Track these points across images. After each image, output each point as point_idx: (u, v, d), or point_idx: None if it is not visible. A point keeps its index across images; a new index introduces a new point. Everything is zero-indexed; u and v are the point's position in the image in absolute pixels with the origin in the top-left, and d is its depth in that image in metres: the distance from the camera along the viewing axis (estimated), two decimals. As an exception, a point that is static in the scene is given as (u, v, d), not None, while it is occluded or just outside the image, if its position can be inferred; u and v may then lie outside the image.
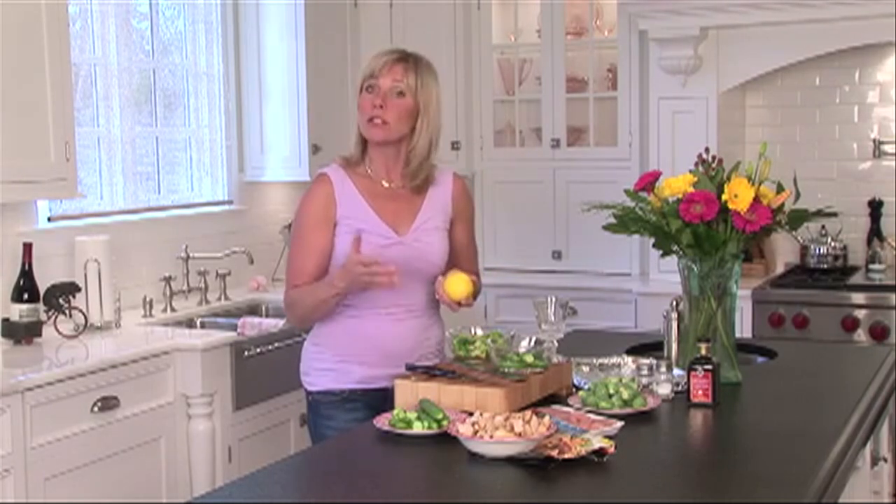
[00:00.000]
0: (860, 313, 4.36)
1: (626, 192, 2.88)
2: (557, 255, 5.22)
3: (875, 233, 4.81)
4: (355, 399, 2.82)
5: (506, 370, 2.49)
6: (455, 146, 5.27)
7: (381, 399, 2.74)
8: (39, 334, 3.63)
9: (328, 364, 2.87)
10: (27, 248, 3.68)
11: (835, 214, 2.96)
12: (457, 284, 2.73)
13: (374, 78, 2.79)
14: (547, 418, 2.23)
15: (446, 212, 2.93)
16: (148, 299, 4.15)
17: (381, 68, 2.79)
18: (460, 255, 2.97)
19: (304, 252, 2.83)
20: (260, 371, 3.88)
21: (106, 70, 4.31)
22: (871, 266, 4.69)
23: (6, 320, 3.61)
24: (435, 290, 2.79)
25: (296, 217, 2.90)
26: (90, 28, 4.25)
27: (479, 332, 2.66)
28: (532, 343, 2.63)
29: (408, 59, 2.83)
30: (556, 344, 2.68)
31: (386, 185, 2.87)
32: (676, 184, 2.73)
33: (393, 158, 2.86)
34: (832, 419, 2.44)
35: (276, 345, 3.96)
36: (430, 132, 2.84)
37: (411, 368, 2.60)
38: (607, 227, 2.87)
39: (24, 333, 3.60)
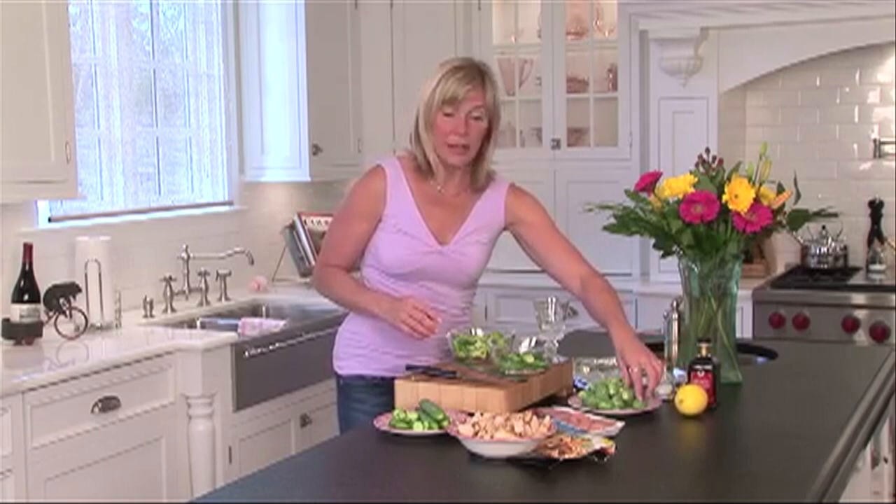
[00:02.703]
0: (860, 314, 4.36)
1: (627, 192, 2.88)
2: (558, 255, 5.21)
3: (875, 233, 4.81)
4: (384, 385, 2.80)
5: (506, 371, 2.50)
6: (455, 146, 5.27)
7: None
8: (40, 335, 3.63)
9: (362, 350, 2.91)
10: (27, 248, 3.68)
11: (835, 215, 2.95)
12: (697, 398, 2.49)
13: (455, 104, 2.76)
14: (547, 419, 2.24)
15: (493, 227, 2.92)
16: (148, 300, 4.15)
17: (464, 95, 2.76)
18: (555, 255, 2.91)
19: (344, 235, 2.90)
20: (260, 372, 3.88)
21: (106, 70, 4.31)
22: (872, 266, 4.70)
23: (6, 321, 3.61)
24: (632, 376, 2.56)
25: (346, 199, 2.95)
26: (90, 28, 4.25)
27: (480, 332, 2.67)
28: (532, 343, 2.63)
29: (484, 80, 2.80)
30: (557, 344, 2.68)
31: (439, 189, 2.87)
32: (677, 184, 2.73)
33: (456, 169, 2.87)
34: (832, 420, 2.44)
35: (277, 345, 3.96)
36: (495, 144, 2.87)
37: (411, 368, 2.61)
38: (607, 228, 2.87)
39: (25, 334, 3.60)
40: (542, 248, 2.94)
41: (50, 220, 4.00)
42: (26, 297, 3.62)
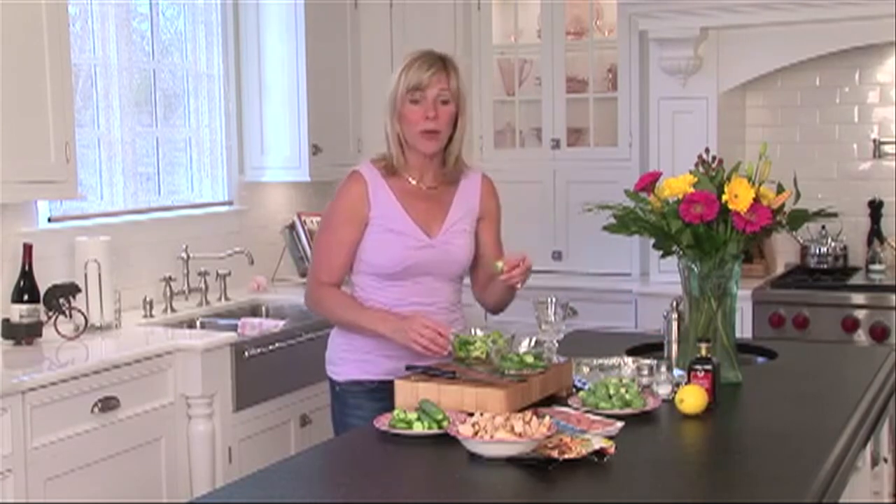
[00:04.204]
0: (860, 314, 4.36)
1: (626, 192, 2.88)
2: (557, 255, 5.22)
3: (875, 233, 4.81)
4: (382, 390, 2.78)
5: (506, 371, 2.50)
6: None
7: None
8: (40, 335, 3.63)
9: (357, 355, 2.89)
10: (27, 248, 3.68)
11: (835, 215, 2.95)
12: (697, 398, 2.49)
13: (421, 90, 2.79)
14: (547, 419, 2.24)
15: (473, 214, 2.96)
16: (148, 300, 4.15)
17: (428, 80, 2.79)
18: (487, 254, 2.98)
19: (333, 247, 2.87)
20: (260, 372, 3.88)
21: (106, 70, 4.31)
22: (872, 266, 4.69)
23: (6, 321, 3.61)
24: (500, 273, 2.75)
25: (327, 212, 2.93)
26: (90, 28, 4.25)
27: (479, 332, 2.66)
28: (532, 343, 2.63)
29: (446, 65, 2.83)
30: (557, 344, 2.68)
31: (416, 183, 2.89)
32: (676, 184, 2.73)
33: (429, 161, 2.90)
34: (832, 420, 2.44)
35: (277, 345, 3.96)
36: (464, 130, 2.91)
37: (411, 368, 2.61)
38: (607, 228, 2.87)
39: (25, 334, 3.60)
40: (482, 244, 2.98)
41: (50, 220, 4.00)
42: (26, 297, 3.62)
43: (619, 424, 2.33)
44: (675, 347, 2.92)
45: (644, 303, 4.68)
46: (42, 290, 3.69)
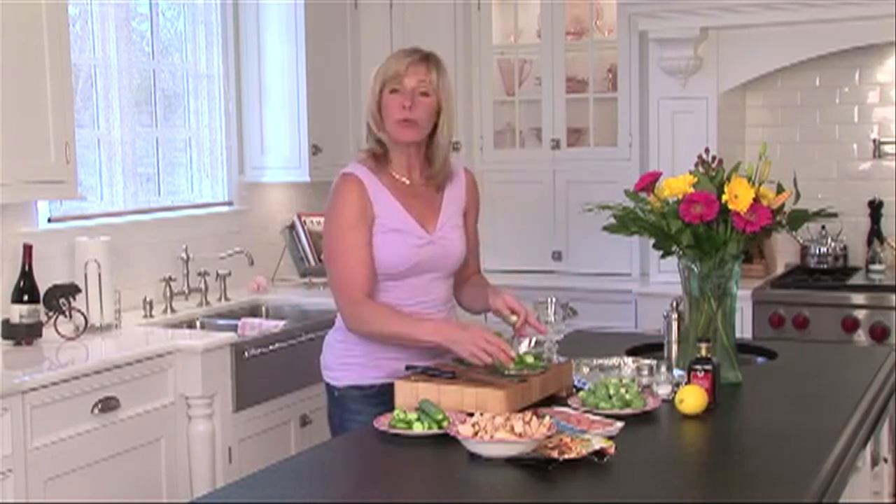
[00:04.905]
0: (860, 314, 4.36)
1: (627, 192, 2.88)
2: (557, 255, 5.22)
3: (875, 233, 4.81)
4: (382, 394, 2.74)
5: (506, 371, 2.50)
6: (455, 147, 5.22)
7: None
8: (40, 335, 3.63)
9: (355, 359, 2.85)
10: (27, 248, 3.68)
11: (835, 215, 2.95)
12: (697, 398, 2.48)
13: (399, 79, 2.78)
14: (547, 419, 2.24)
15: (461, 208, 2.95)
16: (148, 300, 4.15)
17: (405, 69, 2.78)
18: (468, 247, 2.98)
19: (351, 257, 2.75)
20: (260, 372, 3.88)
21: (106, 71, 4.31)
22: (872, 266, 4.70)
23: (6, 321, 3.61)
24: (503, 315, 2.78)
25: (331, 222, 2.81)
26: (90, 29, 4.25)
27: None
28: (532, 343, 2.63)
29: (428, 58, 2.83)
30: (557, 344, 2.68)
31: (407, 182, 2.87)
32: (676, 184, 2.73)
33: (414, 156, 2.87)
34: (832, 420, 2.44)
35: (277, 346, 3.96)
36: (449, 128, 2.87)
37: (411, 368, 2.61)
38: (607, 228, 2.88)
39: (25, 334, 3.60)
40: (467, 234, 2.97)
41: (50, 220, 4.00)
42: (26, 297, 3.62)
43: (619, 424, 2.33)
44: (675, 347, 2.92)
45: (644, 303, 4.68)
46: (42, 290, 3.69)
